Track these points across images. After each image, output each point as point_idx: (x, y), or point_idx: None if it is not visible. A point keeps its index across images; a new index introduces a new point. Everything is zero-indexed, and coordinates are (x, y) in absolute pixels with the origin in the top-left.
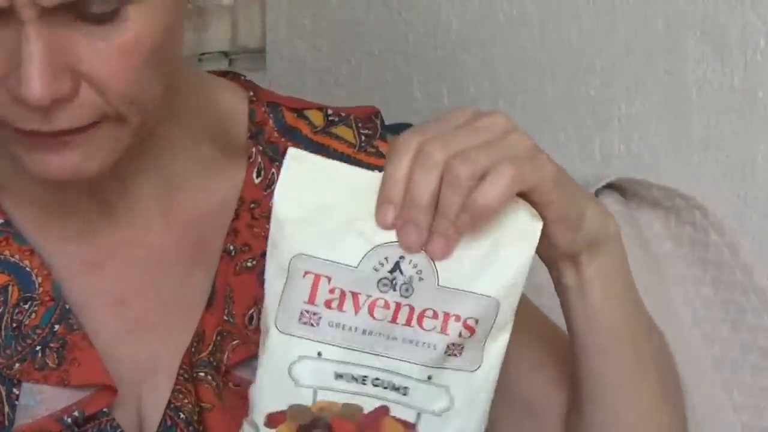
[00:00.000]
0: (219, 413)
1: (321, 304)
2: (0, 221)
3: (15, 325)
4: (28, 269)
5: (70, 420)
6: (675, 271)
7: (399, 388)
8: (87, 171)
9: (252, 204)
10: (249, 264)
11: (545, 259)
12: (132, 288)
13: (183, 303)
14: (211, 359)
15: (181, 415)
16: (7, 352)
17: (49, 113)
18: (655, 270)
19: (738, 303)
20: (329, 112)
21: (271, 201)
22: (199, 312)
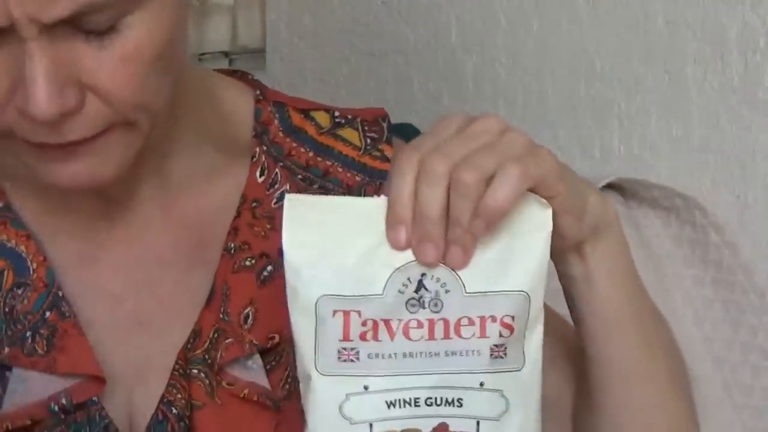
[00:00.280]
0: (210, 411)
1: (356, 338)
2: (0, 205)
3: (7, 310)
4: (23, 255)
5: (57, 407)
6: (675, 271)
7: (453, 401)
8: (101, 177)
9: (254, 203)
10: (247, 263)
11: (551, 252)
12: (127, 284)
13: (179, 301)
14: (206, 357)
15: (174, 410)
16: None
17: (58, 126)
18: (655, 270)
19: (738, 303)
20: (336, 113)
21: (277, 209)
22: (197, 310)
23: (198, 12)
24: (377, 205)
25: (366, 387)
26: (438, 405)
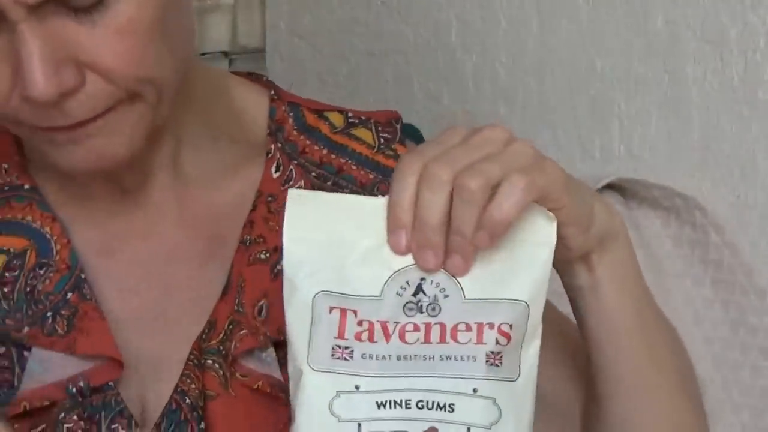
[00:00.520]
0: (223, 402)
1: (351, 337)
2: (27, 187)
3: (29, 290)
4: (48, 236)
5: (74, 389)
6: (675, 271)
7: (444, 406)
8: (114, 157)
9: (269, 197)
10: (262, 256)
11: (557, 263)
12: (143, 276)
13: (194, 293)
14: (221, 348)
15: (187, 400)
16: (18, 315)
17: (62, 108)
18: (655, 270)
19: (738, 303)
20: (350, 114)
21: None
22: (212, 302)
23: (198, 12)
24: (380, 205)
25: (357, 386)
26: (429, 409)
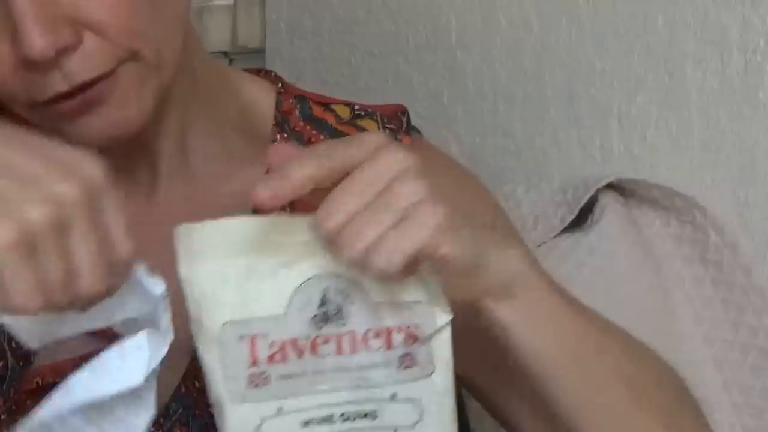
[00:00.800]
0: None
1: (265, 362)
2: None
3: None
4: None
5: None
6: (675, 271)
7: (368, 414)
8: (129, 123)
9: None
10: None
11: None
12: (154, 264)
13: None
14: None
15: (196, 384)
16: None
17: (61, 68)
18: (655, 270)
19: (738, 303)
20: (356, 107)
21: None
22: None
23: (198, 12)
24: (273, 224)
25: (280, 409)
26: (353, 420)
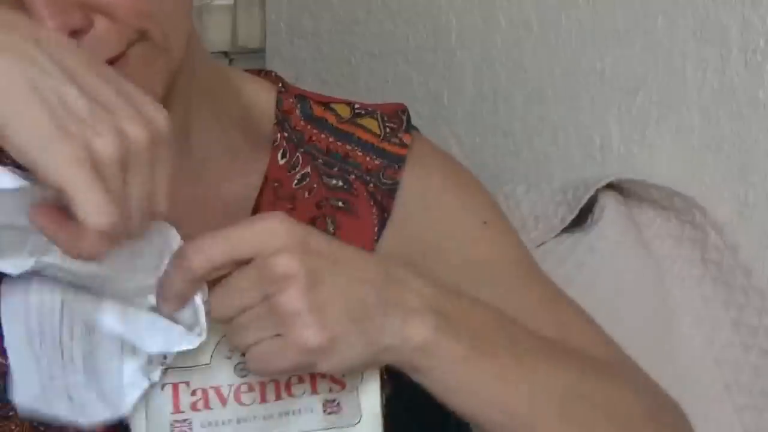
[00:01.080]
0: None
1: (188, 409)
2: None
3: None
4: None
5: None
6: (675, 271)
7: None
8: None
9: (275, 183)
10: None
11: None
12: None
13: None
14: None
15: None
16: None
17: None
18: (655, 270)
19: (738, 303)
20: (356, 105)
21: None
22: None
23: (198, 12)
24: None
25: None
26: None
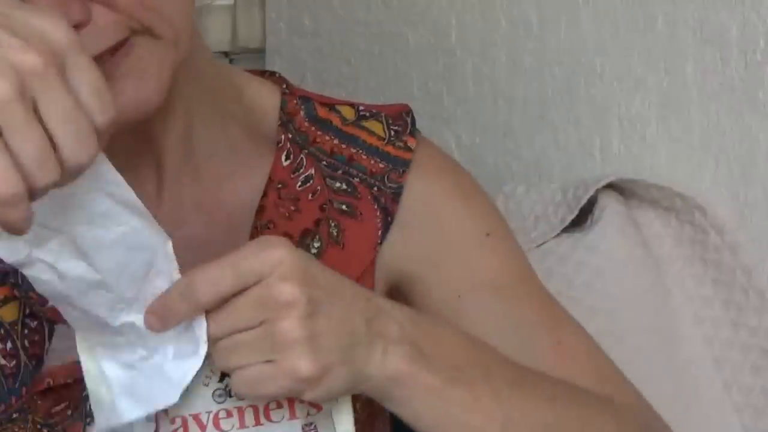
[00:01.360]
0: None
1: None
2: None
3: None
4: None
5: None
6: (675, 271)
7: None
8: (148, 99)
9: (279, 185)
10: None
11: None
12: None
13: None
14: None
15: None
16: None
17: None
18: (655, 270)
19: (738, 303)
20: (360, 107)
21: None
22: None
23: (198, 12)
24: None
25: None
26: None
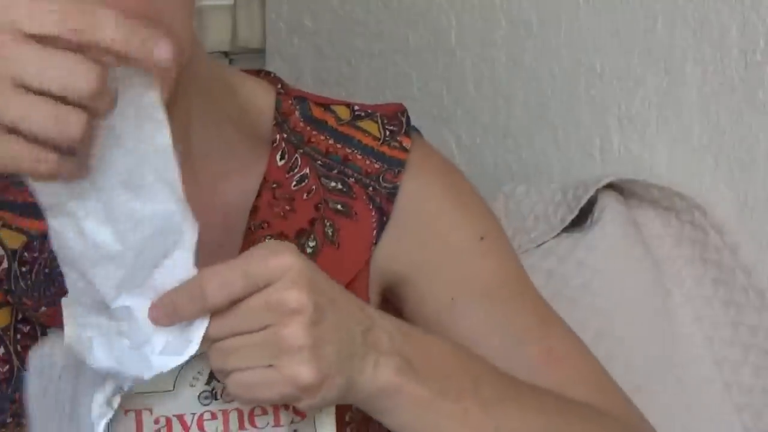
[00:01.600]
0: None
1: None
2: None
3: (47, 271)
4: None
5: None
6: (675, 271)
7: None
8: None
9: (274, 184)
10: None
11: None
12: None
13: None
14: None
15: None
16: (35, 294)
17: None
18: (655, 270)
19: (738, 303)
20: (355, 107)
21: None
22: None
23: (198, 12)
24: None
25: None
26: None
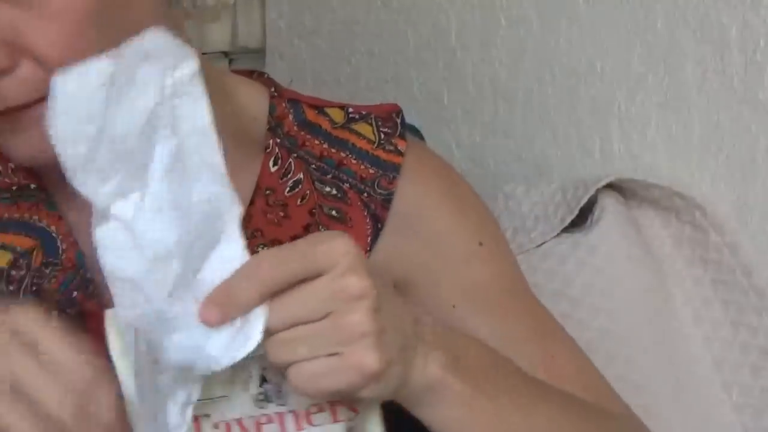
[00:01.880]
0: None
1: None
2: (33, 186)
3: (34, 288)
4: (54, 234)
5: None
6: (675, 271)
7: None
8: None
9: (267, 191)
10: (260, 249)
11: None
12: None
13: None
14: None
15: None
16: None
17: None
18: (655, 270)
19: (738, 303)
20: (350, 110)
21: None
22: None
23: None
24: None
25: None
26: None
